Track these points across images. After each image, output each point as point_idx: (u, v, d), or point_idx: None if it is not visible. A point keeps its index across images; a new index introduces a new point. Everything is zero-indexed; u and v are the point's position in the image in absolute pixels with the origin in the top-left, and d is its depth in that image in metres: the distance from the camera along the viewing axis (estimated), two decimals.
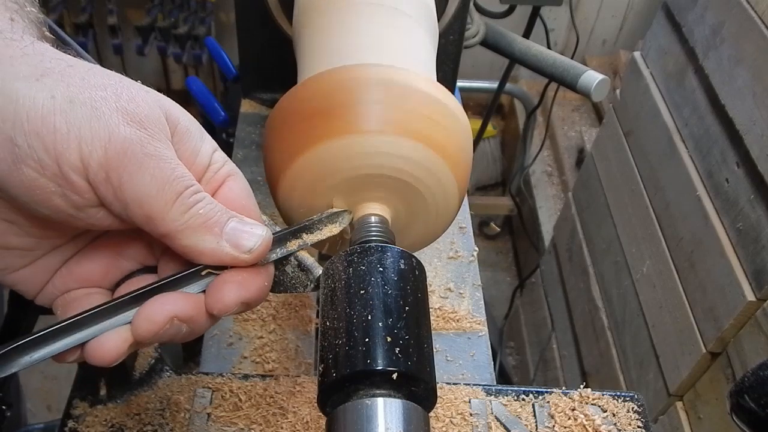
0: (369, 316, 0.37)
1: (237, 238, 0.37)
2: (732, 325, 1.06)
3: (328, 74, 0.48)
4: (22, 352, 0.35)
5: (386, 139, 0.45)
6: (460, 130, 0.49)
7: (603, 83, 0.94)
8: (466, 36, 0.98)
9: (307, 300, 0.76)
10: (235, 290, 0.38)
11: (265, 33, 0.82)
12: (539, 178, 2.30)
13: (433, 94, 0.47)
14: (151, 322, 0.36)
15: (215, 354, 0.71)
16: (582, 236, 1.68)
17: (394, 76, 0.47)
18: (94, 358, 0.36)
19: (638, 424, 0.61)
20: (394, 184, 0.46)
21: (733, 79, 1.12)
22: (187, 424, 0.58)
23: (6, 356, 0.34)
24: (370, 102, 0.46)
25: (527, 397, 0.62)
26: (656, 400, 1.29)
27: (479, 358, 0.72)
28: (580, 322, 1.66)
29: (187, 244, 0.36)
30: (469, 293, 0.78)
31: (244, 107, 0.95)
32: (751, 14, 1.08)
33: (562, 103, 2.42)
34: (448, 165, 0.47)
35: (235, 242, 0.37)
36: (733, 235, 1.09)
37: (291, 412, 0.59)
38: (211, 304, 0.38)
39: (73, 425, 0.58)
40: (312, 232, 0.44)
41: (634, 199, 1.42)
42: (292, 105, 0.48)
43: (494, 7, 1.23)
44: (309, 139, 0.45)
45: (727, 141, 1.12)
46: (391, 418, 0.35)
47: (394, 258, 0.40)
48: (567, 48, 2.53)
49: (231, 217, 0.37)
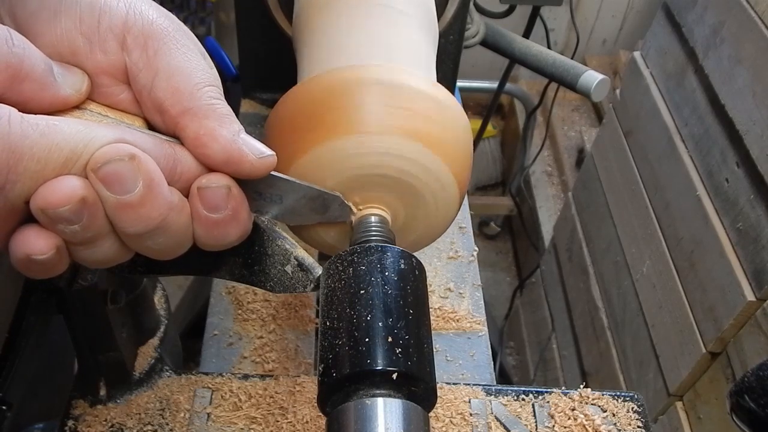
0: (369, 316, 0.37)
1: (249, 142, 0.37)
2: (732, 325, 1.06)
3: (329, 74, 0.48)
4: None
5: (386, 139, 0.45)
6: (460, 130, 0.49)
7: (603, 83, 0.94)
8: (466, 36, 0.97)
9: (307, 300, 0.76)
10: (226, 180, 0.36)
11: (265, 33, 0.82)
12: (539, 178, 2.30)
13: (433, 94, 0.47)
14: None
15: (215, 354, 0.71)
16: (582, 236, 1.68)
17: (394, 76, 0.47)
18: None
19: (638, 424, 0.61)
20: (394, 184, 0.46)
21: (733, 79, 1.12)
22: (187, 424, 0.58)
23: None
24: (370, 102, 0.46)
25: (527, 397, 0.62)
26: (656, 400, 1.29)
27: (479, 358, 0.72)
28: (580, 322, 1.66)
29: (206, 125, 0.35)
30: (469, 293, 0.78)
31: (244, 107, 0.95)
32: (751, 14, 1.08)
33: (562, 103, 2.42)
34: (448, 165, 0.47)
35: (248, 144, 0.37)
36: (733, 235, 1.09)
37: (291, 412, 0.59)
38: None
39: (73, 425, 0.58)
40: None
41: (634, 199, 1.42)
42: (292, 105, 0.48)
43: (494, 7, 1.23)
44: (309, 140, 0.45)
45: (727, 141, 1.12)
46: (391, 418, 0.35)
47: (394, 258, 0.40)
48: (567, 48, 2.53)
49: (241, 128, 0.37)
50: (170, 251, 0.37)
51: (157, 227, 0.35)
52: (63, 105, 0.34)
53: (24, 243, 0.32)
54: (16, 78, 0.32)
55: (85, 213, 0.32)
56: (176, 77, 0.35)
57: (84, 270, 0.50)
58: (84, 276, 0.50)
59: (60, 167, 0.31)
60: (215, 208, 0.36)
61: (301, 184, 0.42)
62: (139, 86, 0.36)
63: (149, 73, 0.35)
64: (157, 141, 0.35)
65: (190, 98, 0.35)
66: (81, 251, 0.35)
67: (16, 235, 0.33)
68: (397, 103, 0.46)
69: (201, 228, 0.37)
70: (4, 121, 0.30)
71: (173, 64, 0.35)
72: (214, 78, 0.37)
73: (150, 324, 0.63)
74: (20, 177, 0.30)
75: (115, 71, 0.36)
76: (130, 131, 0.34)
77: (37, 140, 0.30)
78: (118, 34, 0.35)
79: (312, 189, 0.43)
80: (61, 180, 0.31)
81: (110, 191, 0.32)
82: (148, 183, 0.33)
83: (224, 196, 0.36)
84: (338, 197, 0.45)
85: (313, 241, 0.50)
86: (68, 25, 0.35)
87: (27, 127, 0.30)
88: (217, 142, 0.36)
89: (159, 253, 0.37)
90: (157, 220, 0.34)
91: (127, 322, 0.58)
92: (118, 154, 0.32)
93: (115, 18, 0.35)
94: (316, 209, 0.45)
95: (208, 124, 0.36)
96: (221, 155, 0.36)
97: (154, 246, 0.36)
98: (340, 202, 0.45)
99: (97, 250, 0.35)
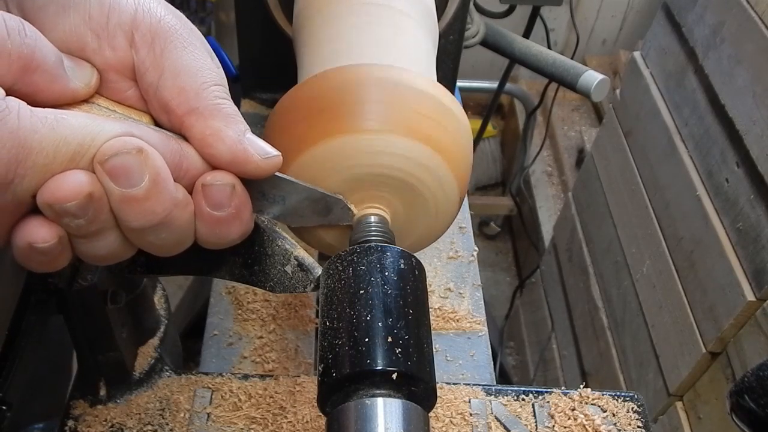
0: (369, 316, 0.37)
1: (255, 142, 0.37)
2: (732, 325, 1.06)
3: (329, 74, 0.48)
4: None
5: (386, 139, 0.45)
6: (460, 130, 0.49)
7: (603, 83, 0.94)
8: (466, 36, 0.97)
9: (307, 300, 0.76)
10: (231, 178, 0.36)
11: (265, 33, 0.82)
12: (539, 178, 2.30)
13: (433, 94, 0.47)
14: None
15: (215, 354, 0.71)
16: (582, 236, 1.68)
17: (394, 76, 0.47)
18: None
19: (638, 424, 0.61)
20: (394, 184, 0.46)
21: (733, 79, 1.12)
22: (187, 424, 0.58)
23: None
24: (370, 101, 0.46)
25: (527, 397, 0.62)
26: (656, 400, 1.29)
27: (479, 358, 0.72)
28: (580, 322, 1.66)
29: (212, 125, 0.36)
30: (469, 293, 0.78)
31: (244, 107, 0.95)
32: (751, 14, 1.08)
33: (562, 103, 2.42)
34: (448, 165, 0.47)
35: (254, 144, 0.37)
36: (733, 235, 1.09)
37: (291, 412, 0.59)
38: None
39: (73, 425, 0.58)
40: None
41: (634, 199, 1.42)
42: (292, 105, 0.48)
43: (494, 7, 1.23)
44: (309, 139, 0.45)
45: (727, 141, 1.12)
46: (391, 418, 0.35)
47: (394, 258, 0.40)
48: (567, 48, 2.52)
49: (247, 128, 0.37)
50: (172, 247, 0.37)
51: (161, 222, 0.35)
52: (72, 98, 0.35)
53: (27, 232, 0.32)
54: (27, 69, 0.32)
55: (91, 208, 0.32)
56: (182, 76, 0.35)
57: (84, 270, 0.50)
58: (84, 276, 0.50)
59: (68, 161, 0.31)
60: (219, 206, 0.36)
61: (305, 185, 0.42)
62: (146, 84, 0.36)
63: (156, 71, 0.36)
64: (163, 136, 0.35)
65: (196, 98, 0.35)
66: (83, 244, 0.35)
67: (19, 225, 0.33)
68: (398, 102, 0.46)
69: (203, 225, 0.37)
70: (13, 115, 0.30)
71: (179, 63, 0.35)
72: (220, 77, 0.37)
73: (150, 324, 0.63)
74: (28, 171, 0.30)
75: (122, 68, 0.36)
76: (138, 126, 0.34)
77: (46, 135, 0.30)
78: (127, 31, 0.35)
79: (315, 191, 0.43)
80: (68, 175, 0.31)
81: (116, 184, 0.32)
82: (154, 177, 0.33)
83: (228, 194, 0.36)
84: (341, 200, 0.45)
85: (313, 241, 0.50)
86: (77, 20, 0.35)
87: (36, 122, 0.30)
88: (222, 142, 0.36)
89: (161, 249, 0.37)
90: (162, 215, 0.34)
91: (127, 322, 0.58)
92: (125, 147, 0.32)
93: (124, 15, 0.35)
94: (318, 211, 0.44)
95: (214, 125, 0.36)
96: (227, 155, 0.36)
97: (156, 241, 0.36)
98: (342, 205, 0.45)
99: (100, 244, 0.35)
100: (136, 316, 0.59)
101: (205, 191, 0.36)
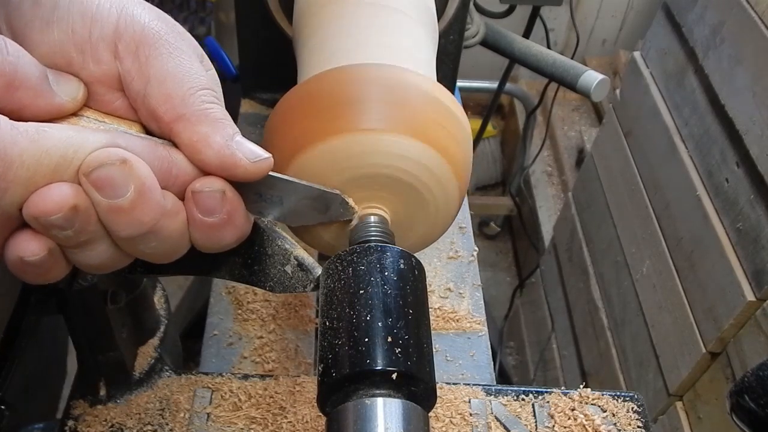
0: (369, 316, 0.37)
1: (244, 145, 0.37)
2: (732, 325, 1.06)
3: (328, 74, 0.48)
4: None
5: (386, 139, 0.45)
6: (460, 130, 0.49)
7: (603, 83, 0.94)
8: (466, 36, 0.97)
9: (307, 300, 0.76)
10: (220, 184, 0.36)
11: (265, 33, 0.82)
12: (539, 178, 2.30)
13: (433, 94, 0.47)
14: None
15: (215, 354, 0.71)
16: (582, 236, 1.68)
17: (394, 76, 0.47)
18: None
19: (638, 424, 0.61)
20: (394, 184, 0.46)
21: (733, 79, 1.12)
22: (187, 424, 0.58)
23: None
24: (370, 101, 0.46)
25: (527, 397, 0.62)
26: (656, 400, 1.29)
27: (479, 358, 0.72)
28: (580, 322, 1.67)
29: (199, 131, 0.35)
30: (468, 293, 0.78)
31: (243, 107, 0.95)
32: (751, 14, 1.08)
33: (562, 103, 2.42)
34: (448, 164, 0.47)
35: (242, 148, 0.36)
36: (733, 235, 1.09)
37: (291, 412, 0.59)
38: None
39: (73, 425, 0.58)
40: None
41: (634, 199, 1.42)
42: (292, 105, 0.48)
43: (494, 7, 1.23)
44: (308, 138, 0.45)
45: (727, 141, 1.12)
46: (391, 418, 0.35)
47: (394, 258, 0.40)
48: (567, 48, 2.52)
49: (236, 132, 0.37)
50: (166, 255, 0.37)
51: (150, 231, 0.35)
52: (59, 112, 0.34)
53: (17, 246, 0.33)
54: (10, 86, 0.32)
55: (77, 219, 0.32)
56: (168, 83, 0.35)
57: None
58: (84, 276, 0.50)
59: (51, 173, 0.31)
60: (210, 212, 0.36)
61: (301, 183, 0.42)
62: (133, 93, 0.36)
63: (142, 80, 0.35)
64: (151, 144, 0.35)
65: (182, 104, 0.35)
66: (76, 254, 0.35)
67: (10, 239, 0.33)
68: (398, 102, 0.46)
69: (197, 231, 0.37)
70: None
71: (165, 69, 0.35)
72: (208, 81, 0.37)
73: (150, 324, 0.63)
74: (10, 185, 0.30)
75: (109, 80, 0.36)
76: (124, 136, 0.34)
77: (27, 147, 0.30)
78: (110, 43, 0.35)
79: (312, 188, 0.43)
80: (53, 188, 0.31)
81: (102, 195, 0.32)
82: (139, 188, 0.33)
83: (218, 200, 0.36)
84: (338, 195, 0.45)
85: (312, 241, 0.50)
86: (60, 35, 0.34)
87: (16, 134, 0.30)
88: (210, 147, 0.36)
89: (154, 257, 0.37)
90: (149, 224, 0.34)
91: (127, 322, 0.58)
92: (108, 159, 0.32)
93: (106, 26, 0.35)
94: (317, 209, 0.44)
95: (201, 130, 0.35)
96: (215, 161, 0.36)
97: (147, 249, 0.36)
98: (340, 200, 0.45)
99: (93, 253, 0.35)
100: (136, 316, 0.59)
101: (195, 198, 0.36)
